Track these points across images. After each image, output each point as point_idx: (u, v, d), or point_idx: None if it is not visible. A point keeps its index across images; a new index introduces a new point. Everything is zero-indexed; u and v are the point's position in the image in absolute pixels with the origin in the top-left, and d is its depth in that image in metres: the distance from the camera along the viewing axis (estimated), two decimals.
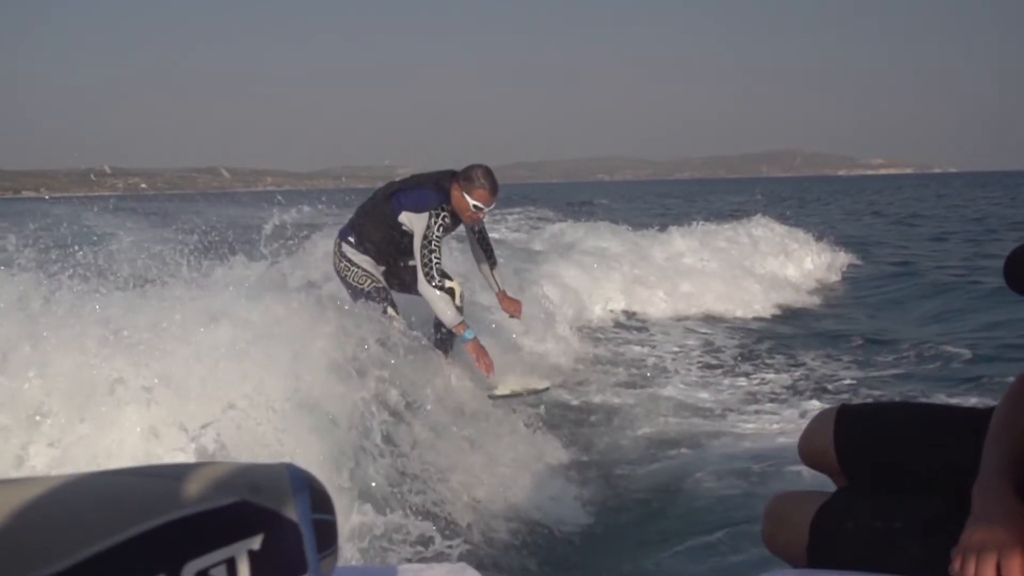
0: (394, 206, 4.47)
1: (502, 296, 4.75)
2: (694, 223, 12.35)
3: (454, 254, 5.61)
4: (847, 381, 5.96)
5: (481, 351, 4.36)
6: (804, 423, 1.65)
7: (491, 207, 4.33)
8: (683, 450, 4.53)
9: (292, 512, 0.65)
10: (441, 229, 4.28)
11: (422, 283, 4.31)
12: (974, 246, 15.89)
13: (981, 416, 1.49)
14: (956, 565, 1.20)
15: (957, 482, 1.37)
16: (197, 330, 3.68)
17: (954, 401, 5.26)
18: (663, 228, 12.39)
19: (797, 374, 6.27)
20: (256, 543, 0.62)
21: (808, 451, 1.71)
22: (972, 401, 5.21)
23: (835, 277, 11.53)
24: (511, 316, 4.79)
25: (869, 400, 5.20)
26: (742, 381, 6.16)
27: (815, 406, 5.10)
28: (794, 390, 5.76)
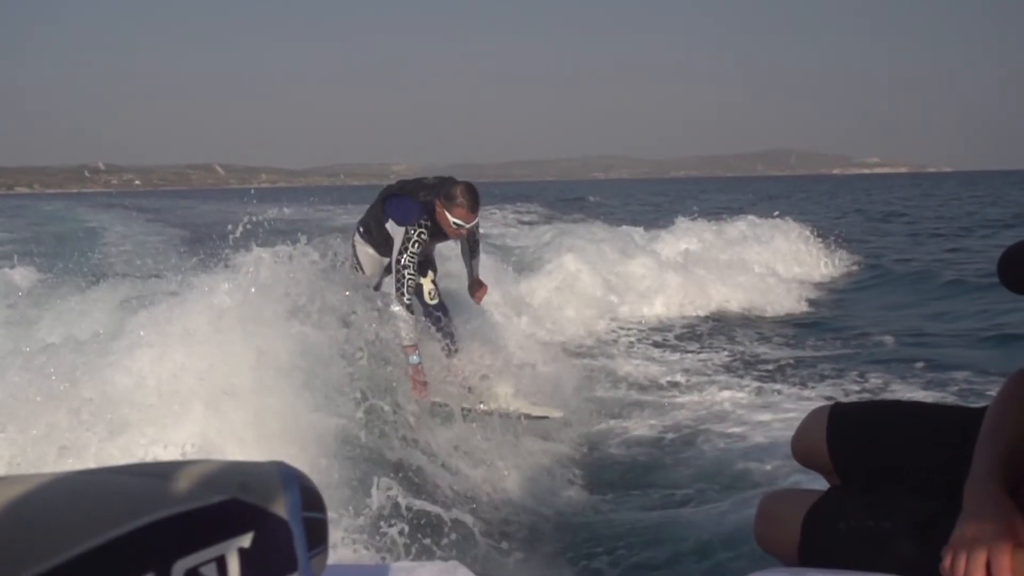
0: (385, 210, 4.56)
1: (476, 281, 4.86)
2: (678, 221, 12.60)
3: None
4: (777, 363, 6.55)
5: (419, 378, 4.39)
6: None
7: (472, 224, 4.35)
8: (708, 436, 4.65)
9: (282, 510, 0.65)
10: (417, 245, 4.33)
11: (394, 297, 4.39)
12: (944, 242, 16.34)
13: (973, 416, 1.49)
14: (947, 562, 1.21)
15: (949, 481, 1.38)
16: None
17: (859, 378, 5.92)
18: (645, 226, 12.64)
19: (737, 352, 7.07)
20: (246, 541, 0.62)
21: (801, 450, 1.71)
22: (876, 381, 5.80)
23: (801, 270, 11.73)
24: (472, 297, 4.89)
25: (860, 399, 5.25)
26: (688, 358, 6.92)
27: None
28: (728, 367, 6.52)
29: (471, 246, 4.80)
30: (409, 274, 4.33)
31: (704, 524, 3.49)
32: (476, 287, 4.85)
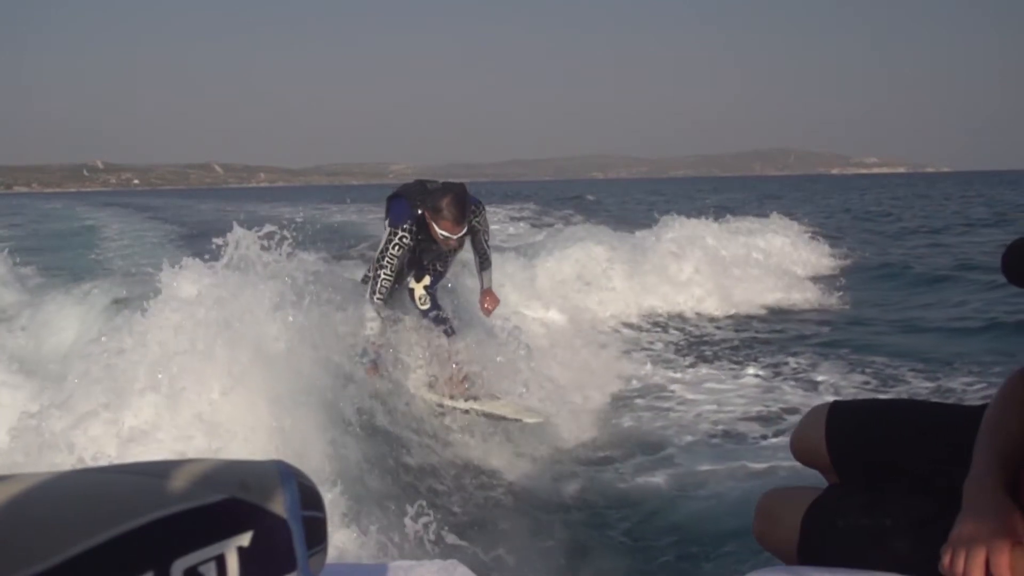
0: (388, 209, 4.63)
1: (485, 292, 4.87)
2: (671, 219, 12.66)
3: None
4: (718, 345, 7.30)
5: (371, 375, 4.48)
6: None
7: (460, 234, 4.39)
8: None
9: (281, 509, 0.65)
10: (397, 248, 4.39)
11: (367, 295, 4.52)
12: (921, 238, 16.87)
13: (972, 414, 1.49)
14: (946, 560, 1.21)
15: (948, 479, 1.38)
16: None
17: (788, 358, 6.57)
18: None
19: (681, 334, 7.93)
20: (245, 540, 0.62)
21: (800, 448, 1.71)
22: (800, 359, 6.47)
23: (779, 264, 11.89)
24: (481, 309, 4.91)
25: (860, 397, 5.29)
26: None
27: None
28: (677, 346, 7.36)
29: (480, 257, 4.80)
30: (384, 275, 4.41)
31: None
32: (485, 298, 4.85)
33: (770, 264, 11.40)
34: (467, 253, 4.91)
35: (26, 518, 0.56)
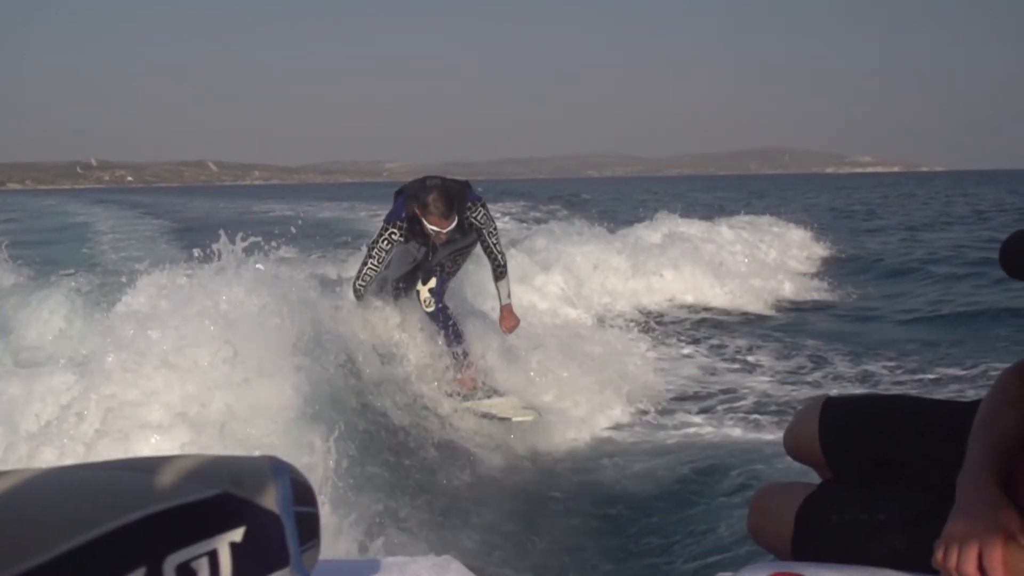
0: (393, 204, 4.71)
1: (505, 309, 4.85)
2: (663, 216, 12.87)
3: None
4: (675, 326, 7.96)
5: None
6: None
7: (448, 228, 4.46)
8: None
9: (274, 504, 0.65)
10: (387, 243, 4.57)
11: (352, 281, 4.82)
12: (895, 234, 17.57)
13: (966, 409, 1.50)
14: (939, 556, 1.21)
15: (942, 475, 1.38)
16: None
17: (728, 339, 7.20)
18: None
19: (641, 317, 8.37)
20: (238, 535, 0.62)
21: (793, 444, 1.71)
22: (742, 343, 7.09)
23: (755, 259, 12.06)
24: (500, 328, 4.92)
25: (854, 393, 5.34)
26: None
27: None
28: (640, 325, 7.83)
29: (492, 263, 4.78)
30: (371, 265, 4.62)
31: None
32: (504, 316, 4.84)
33: (748, 258, 11.60)
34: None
35: (18, 514, 0.56)
